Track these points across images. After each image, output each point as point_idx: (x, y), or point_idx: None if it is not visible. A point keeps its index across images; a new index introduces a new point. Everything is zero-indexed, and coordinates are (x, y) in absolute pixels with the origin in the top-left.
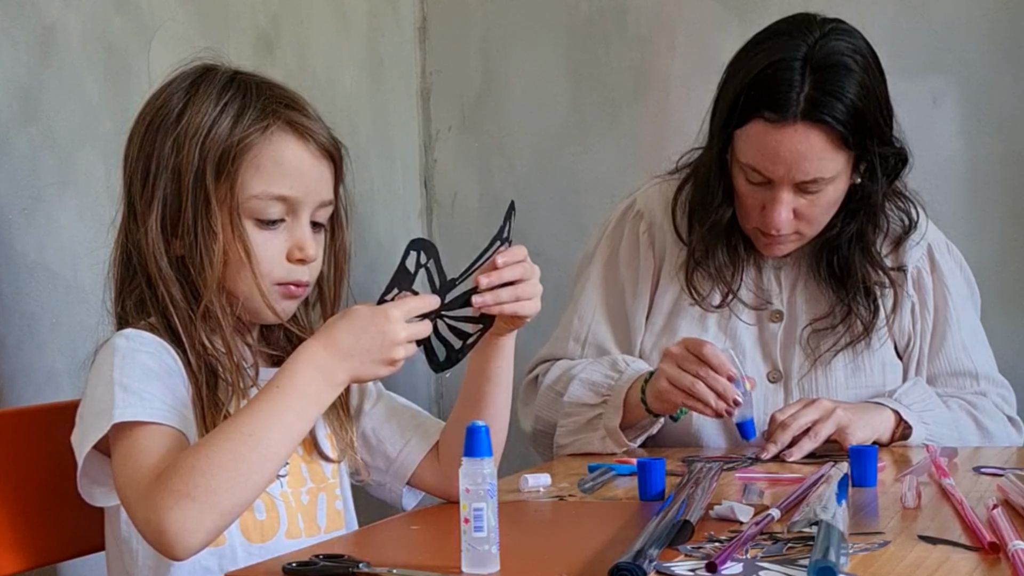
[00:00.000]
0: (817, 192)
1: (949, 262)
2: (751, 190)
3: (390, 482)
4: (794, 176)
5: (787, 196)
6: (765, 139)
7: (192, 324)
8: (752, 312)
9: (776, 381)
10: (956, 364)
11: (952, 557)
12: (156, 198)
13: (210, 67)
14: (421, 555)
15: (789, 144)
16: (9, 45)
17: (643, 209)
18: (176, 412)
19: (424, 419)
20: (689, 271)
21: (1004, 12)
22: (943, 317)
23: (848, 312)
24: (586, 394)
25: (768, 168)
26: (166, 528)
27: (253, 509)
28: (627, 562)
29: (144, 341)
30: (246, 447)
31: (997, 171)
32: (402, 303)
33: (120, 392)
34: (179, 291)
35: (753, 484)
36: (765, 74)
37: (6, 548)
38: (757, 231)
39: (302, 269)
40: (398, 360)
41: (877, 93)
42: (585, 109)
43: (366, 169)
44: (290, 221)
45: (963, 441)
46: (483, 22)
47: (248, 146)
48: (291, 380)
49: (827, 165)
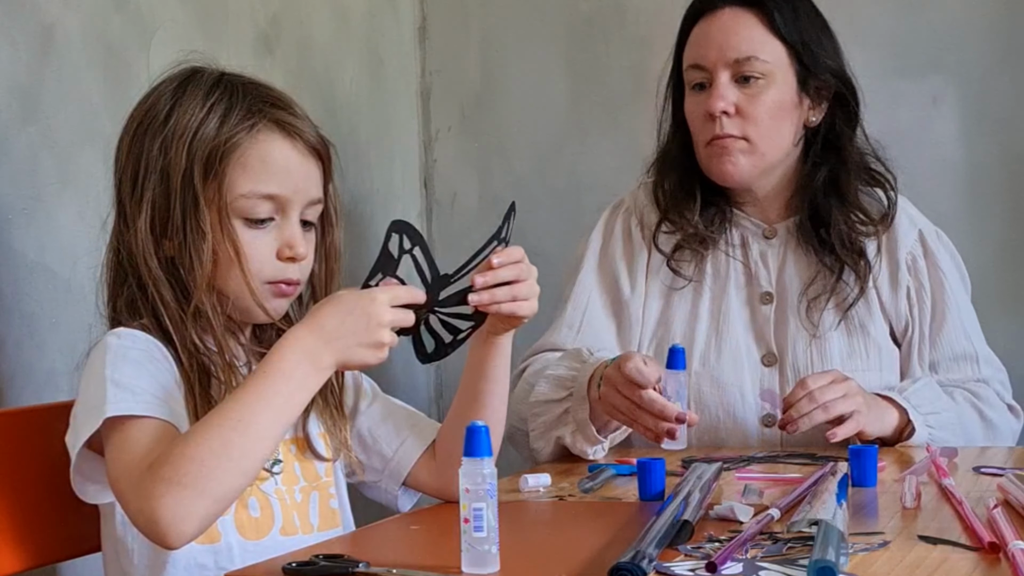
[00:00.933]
0: (756, 83)
1: (940, 248)
2: (695, 100)
3: (386, 482)
4: (727, 54)
5: (724, 79)
6: (699, 32)
7: (183, 324)
8: (744, 296)
9: (771, 365)
10: (957, 348)
11: (952, 557)
12: (145, 200)
13: (198, 69)
14: (421, 555)
15: (719, 24)
16: (9, 45)
17: (631, 205)
18: (167, 405)
19: (420, 419)
20: (659, 231)
21: (1004, 12)
22: (940, 300)
23: (840, 270)
24: (552, 390)
25: (702, 55)
26: (159, 516)
27: (248, 506)
28: (627, 562)
29: (136, 339)
30: (235, 433)
31: (997, 171)
32: (388, 288)
33: (112, 388)
34: (169, 291)
35: (753, 484)
36: None
37: (6, 548)
38: (707, 149)
39: (293, 267)
40: (384, 344)
41: (815, 10)
42: (585, 109)
43: (366, 169)
44: (279, 220)
45: (968, 438)
46: (483, 22)
47: (235, 145)
48: (278, 365)
49: (759, 45)
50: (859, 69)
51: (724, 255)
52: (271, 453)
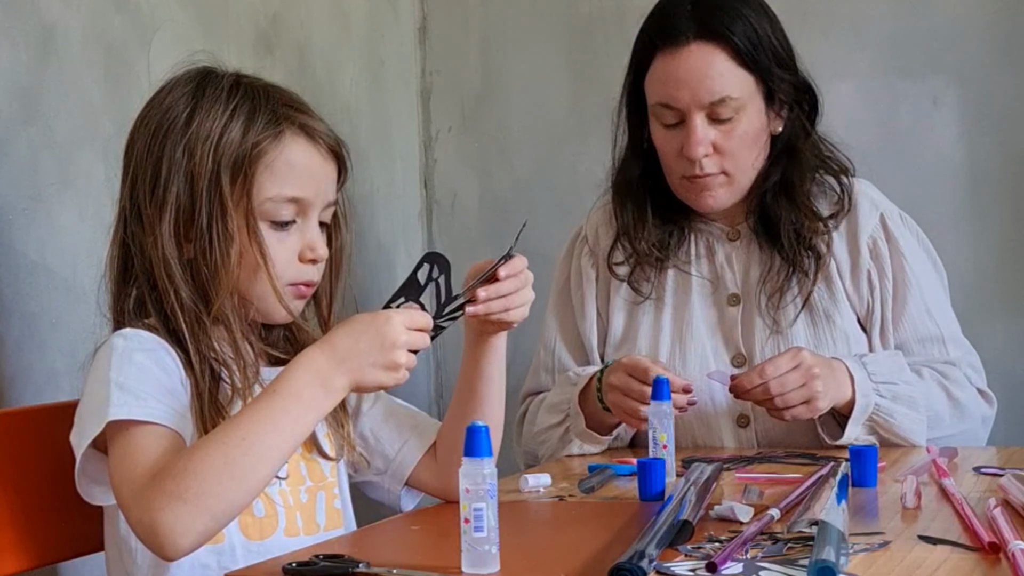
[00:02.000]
0: (730, 120)
1: (903, 230)
2: (667, 136)
3: (388, 482)
4: (700, 97)
5: (699, 121)
6: (666, 70)
7: (199, 326)
8: (710, 301)
9: (741, 365)
10: (922, 329)
11: (952, 557)
12: (168, 203)
13: (210, 70)
14: (421, 555)
15: (687, 65)
16: (9, 45)
17: (587, 231)
18: (172, 412)
19: (421, 419)
20: (614, 251)
21: (1004, 12)
22: (902, 282)
23: (792, 267)
24: (550, 416)
25: (673, 96)
26: (158, 529)
27: (252, 507)
28: (627, 562)
29: (142, 340)
30: (239, 451)
31: (997, 171)
32: (404, 311)
33: (116, 391)
34: (188, 294)
35: (753, 484)
36: (654, 14)
37: (6, 548)
38: (684, 181)
39: (312, 269)
40: (399, 364)
41: (767, 15)
42: (585, 109)
43: (366, 169)
44: (300, 222)
45: (935, 418)
46: (483, 22)
47: (263, 151)
48: (287, 385)
49: (730, 82)
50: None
51: (685, 264)
52: (275, 472)
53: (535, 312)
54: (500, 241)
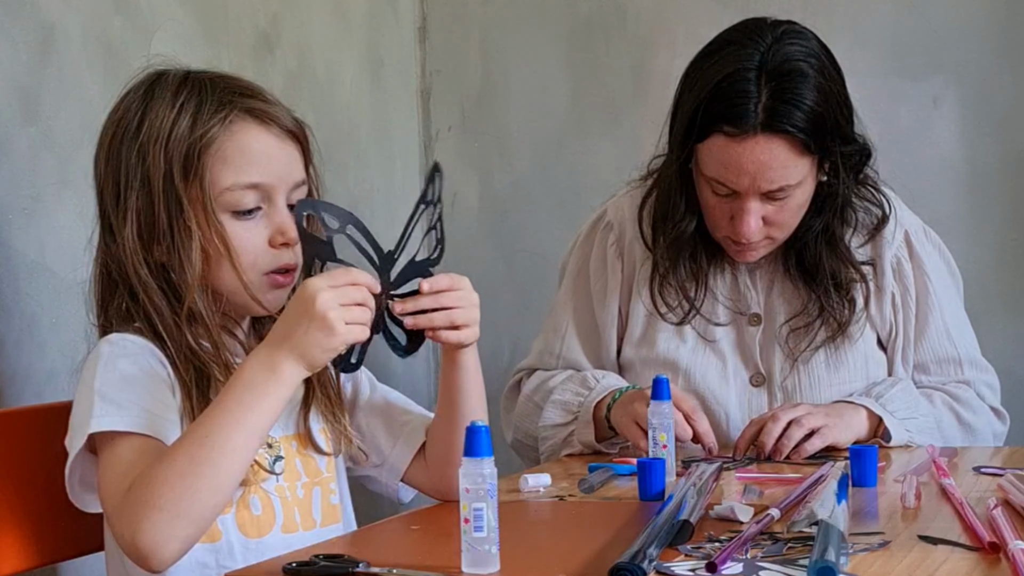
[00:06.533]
0: (784, 198)
1: (927, 246)
2: (718, 201)
3: (385, 476)
4: (760, 186)
5: (754, 205)
6: (727, 153)
7: (177, 329)
8: (731, 317)
9: (759, 385)
10: (940, 351)
11: (952, 557)
12: (130, 209)
13: (161, 72)
14: (421, 555)
15: (752, 156)
16: (9, 45)
17: (613, 220)
18: (155, 418)
19: (412, 417)
20: (653, 284)
21: (1004, 12)
22: (924, 303)
23: (821, 309)
24: (558, 415)
25: (733, 180)
26: (139, 542)
27: (249, 505)
28: (627, 562)
29: (127, 345)
30: (203, 449)
31: (997, 171)
32: (325, 274)
33: (99, 401)
34: (161, 298)
35: (753, 484)
36: (721, 87)
37: (6, 548)
38: (728, 239)
39: (287, 253)
40: (332, 325)
41: (835, 93)
42: (585, 109)
43: (366, 169)
44: (267, 208)
45: (946, 441)
46: (483, 22)
47: (211, 140)
48: (238, 377)
49: (791, 172)
50: (859, 69)
51: (712, 280)
52: (245, 467)
53: (534, 318)
54: (500, 241)
